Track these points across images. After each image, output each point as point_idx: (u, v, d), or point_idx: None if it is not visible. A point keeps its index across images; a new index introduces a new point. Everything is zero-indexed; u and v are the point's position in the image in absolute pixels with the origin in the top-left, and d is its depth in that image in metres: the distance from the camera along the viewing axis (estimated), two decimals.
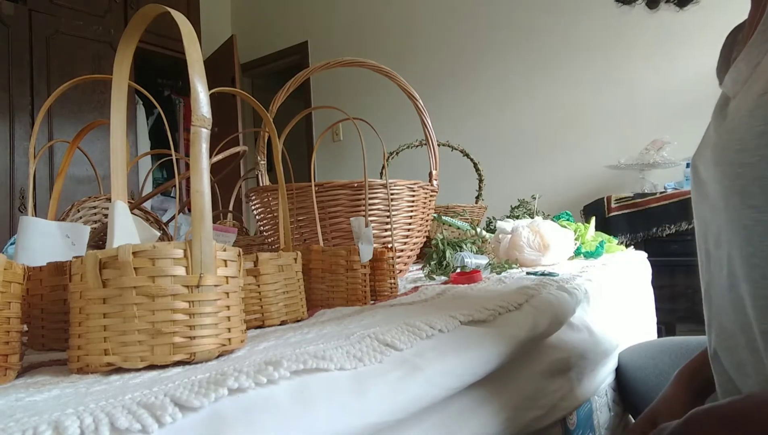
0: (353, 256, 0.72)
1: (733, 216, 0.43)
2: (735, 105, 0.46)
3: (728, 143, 0.43)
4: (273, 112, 0.97)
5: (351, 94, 3.77)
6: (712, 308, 0.52)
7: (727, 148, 0.43)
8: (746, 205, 0.41)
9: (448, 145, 1.89)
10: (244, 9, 4.55)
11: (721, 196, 0.44)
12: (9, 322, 0.38)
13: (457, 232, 1.36)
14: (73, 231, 0.60)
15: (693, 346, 0.83)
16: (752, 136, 0.40)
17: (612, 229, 2.18)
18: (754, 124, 0.40)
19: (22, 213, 2.72)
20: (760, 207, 0.40)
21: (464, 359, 0.46)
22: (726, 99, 0.50)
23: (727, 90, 0.49)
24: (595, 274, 0.96)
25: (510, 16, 3.12)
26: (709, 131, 0.52)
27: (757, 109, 0.40)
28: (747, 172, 0.41)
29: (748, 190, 0.41)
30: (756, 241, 0.41)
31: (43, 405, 0.30)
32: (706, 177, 0.49)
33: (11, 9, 2.78)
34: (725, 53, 0.55)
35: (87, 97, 3.00)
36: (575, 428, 0.70)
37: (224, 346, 0.41)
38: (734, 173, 0.42)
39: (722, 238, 0.46)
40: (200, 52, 0.43)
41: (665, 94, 2.62)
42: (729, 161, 0.43)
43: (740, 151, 0.41)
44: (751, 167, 0.40)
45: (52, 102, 0.63)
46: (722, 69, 0.53)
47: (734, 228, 0.43)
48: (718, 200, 0.46)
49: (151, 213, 1.10)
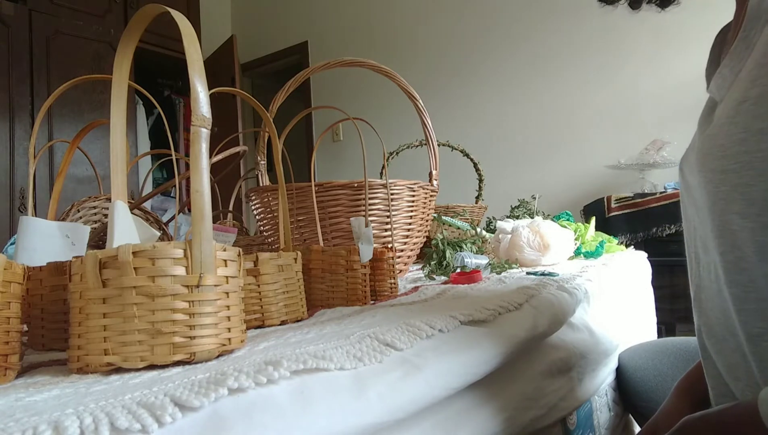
0: (353, 256, 0.72)
1: (719, 221, 0.43)
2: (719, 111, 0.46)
3: (711, 149, 0.43)
4: (273, 112, 0.97)
5: (351, 94, 3.77)
6: (701, 312, 0.52)
7: (710, 154, 0.43)
8: (730, 211, 0.41)
9: (448, 145, 1.89)
10: (244, 9, 4.55)
11: (706, 201, 0.44)
12: (9, 322, 0.38)
13: (457, 232, 1.36)
14: (73, 231, 0.60)
15: (693, 346, 0.83)
16: (733, 143, 0.40)
17: (612, 229, 2.18)
18: (734, 131, 0.40)
19: (22, 213, 2.72)
20: (742, 213, 0.40)
21: (464, 359, 0.46)
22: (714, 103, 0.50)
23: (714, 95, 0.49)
24: (595, 274, 0.96)
25: (510, 16, 3.12)
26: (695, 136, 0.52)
27: (737, 116, 0.40)
28: (729, 179, 0.41)
29: (731, 196, 0.41)
30: (742, 246, 0.41)
31: (43, 405, 0.30)
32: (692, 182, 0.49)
33: (11, 9, 2.78)
34: (714, 54, 0.55)
35: (87, 97, 3.00)
36: (575, 428, 0.70)
37: (224, 346, 0.41)
38: (717, 179, 0.42)
39: (709, 243, 0.46)
40: (200, 52, 0.43)
41: (665, 94, 2.62)
42: (712, 167, 0.43)
43: (722, 157, 0.41)
44: (732, 174, 0.40)
45: (52, 102, 0.63)
46: (711, 70, 0.53)
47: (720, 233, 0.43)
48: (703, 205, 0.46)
49: (151, 213, 1.10)
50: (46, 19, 2.92)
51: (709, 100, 0.52)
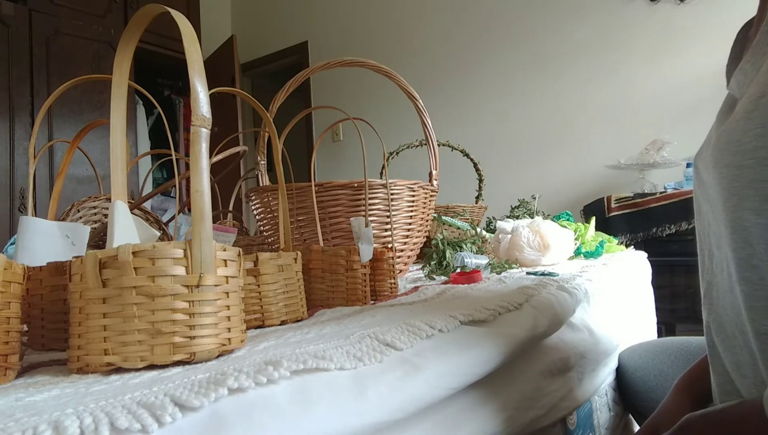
0: (353, 256, 0.72)
1: (732, 217, 0.43)
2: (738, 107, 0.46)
3: (726, 145, 0.43)
4: (273, 112, 0.97)
5: (351, 94, 3.77)
6: (711, 308, 0.52)
7: (725, 150, 0.43)
8: (744, 208, 0.41)
9: (448, 145, 1.89)
10: (244, 9, 4.55)
11: (720, 197, 0.44)
12: (9, 322, 0.38)
13: (457, 232, 1.36)
14: (73, 231, 0.60)
15: (693, 346, 0.83)
16: (749, 139, 0.40)
17: (612, 229, 2.18)
18: (751, 126, 0.40)
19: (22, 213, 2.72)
20: (756, 209, 0.40)
21: (464, 359, 0.46)
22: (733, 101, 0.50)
23: (734, 92, 0.49)
24: (595, 274, 0.96)
25: (510, 16, 3.12)
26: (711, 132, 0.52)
27: (755, 111, 0.40)
28: (744, 175, 0.41)
29: (745, 192, 0.41)
30: (754, 243, 0.41)
31: (42, 405, 0.30)
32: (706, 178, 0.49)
33: (11, 9, 2.78)
34: (736, 50, 0.54)
35: (87, 97, 3.00)
36: (575, 428, 0.70)
37: (224, 346, 0.41)
38: (731, 175, 0.42)
39: (722, 239, 0.46)
40: (200, 52, 0.43)
41: (665, 94, 2.62)
42: (726, 163, 0.43)
43: (737, 153, 0.41)
44: (747, 170, 0.40)
45: (52, 102, 0.63)
46: (732, 67, 0.53)
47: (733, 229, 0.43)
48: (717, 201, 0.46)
49: (151, 213, 1.10)
50: (46, 19, 2.92)
51: (728, 98, 0.52)
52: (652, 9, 2.62)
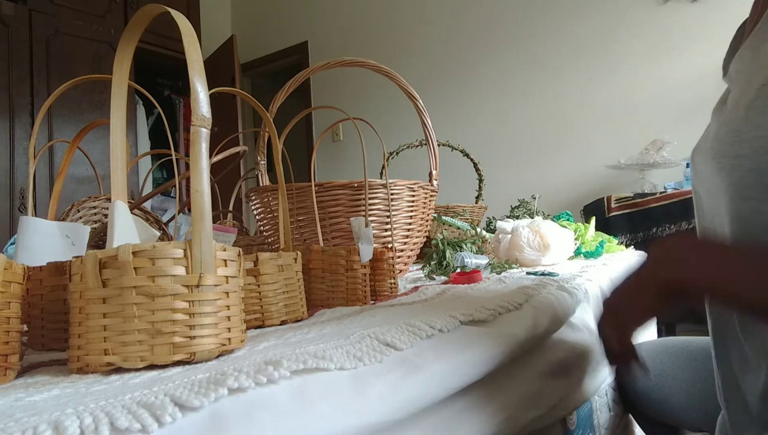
0: (353, 256, 0.72)
1: (732, 207, 0.43)
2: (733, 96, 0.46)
3: (725, 136, 0.43)
4: (273, 112, 0.97)
5: (351, 94, 3.77)
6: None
7: (724, 140, 0.43)
8: (743, 197, 0.41)
9: (448, 145, 1.89)
10: (244, 9, 4.55)
11: (720, 187, 0.44)
12: (9, 322, 0.38)
13: (457, 232, 1.36)
14: (73, 231, 0.60)
15: (693, 346, 0.83)
16: (749, 128, 0.40)
17: (612, 229, 2.18)
18: (752, 115, 0.40)
19: (22, 213, 2.72)
20: (757, 198, 0.40)
21: (464, 359, 0.46)
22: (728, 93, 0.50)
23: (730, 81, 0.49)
24: (595, 274, 0.96)
25: (510, 16, 3.12)
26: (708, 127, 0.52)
27: (757, 99, 0.40)
28: (742, 164, 0.41)
29: (745, 181, 0.41)
30: (754, 232, 0.41)
31: (42, 405, 0.30)
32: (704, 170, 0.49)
33: (11, 9, 2.78)
34: (734, 46, 0.54)
35: (87, 97, 3.00)
36: (575, 428, 0.70)
37: (224, 346, 0.41)
38: (730, 165, 0.42)
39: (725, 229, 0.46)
40: (200, 52, 0.43)
41: (665, 94, 2.62)
42: (725, 153, 0.43)
43: (736, 142, 0.41)
44: (746, 159, 0.40)
45: (52, 102, 0.63)
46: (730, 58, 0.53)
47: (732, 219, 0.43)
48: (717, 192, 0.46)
49: (151, 213, 1.10)
50: (46, 19, 2.92)
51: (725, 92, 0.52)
52: (652, 9, 2.62)
